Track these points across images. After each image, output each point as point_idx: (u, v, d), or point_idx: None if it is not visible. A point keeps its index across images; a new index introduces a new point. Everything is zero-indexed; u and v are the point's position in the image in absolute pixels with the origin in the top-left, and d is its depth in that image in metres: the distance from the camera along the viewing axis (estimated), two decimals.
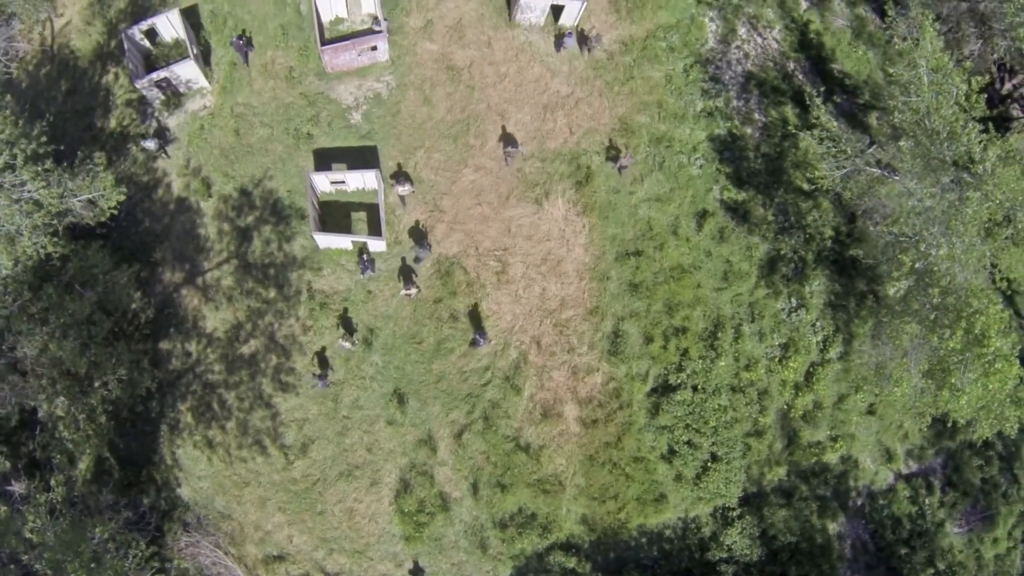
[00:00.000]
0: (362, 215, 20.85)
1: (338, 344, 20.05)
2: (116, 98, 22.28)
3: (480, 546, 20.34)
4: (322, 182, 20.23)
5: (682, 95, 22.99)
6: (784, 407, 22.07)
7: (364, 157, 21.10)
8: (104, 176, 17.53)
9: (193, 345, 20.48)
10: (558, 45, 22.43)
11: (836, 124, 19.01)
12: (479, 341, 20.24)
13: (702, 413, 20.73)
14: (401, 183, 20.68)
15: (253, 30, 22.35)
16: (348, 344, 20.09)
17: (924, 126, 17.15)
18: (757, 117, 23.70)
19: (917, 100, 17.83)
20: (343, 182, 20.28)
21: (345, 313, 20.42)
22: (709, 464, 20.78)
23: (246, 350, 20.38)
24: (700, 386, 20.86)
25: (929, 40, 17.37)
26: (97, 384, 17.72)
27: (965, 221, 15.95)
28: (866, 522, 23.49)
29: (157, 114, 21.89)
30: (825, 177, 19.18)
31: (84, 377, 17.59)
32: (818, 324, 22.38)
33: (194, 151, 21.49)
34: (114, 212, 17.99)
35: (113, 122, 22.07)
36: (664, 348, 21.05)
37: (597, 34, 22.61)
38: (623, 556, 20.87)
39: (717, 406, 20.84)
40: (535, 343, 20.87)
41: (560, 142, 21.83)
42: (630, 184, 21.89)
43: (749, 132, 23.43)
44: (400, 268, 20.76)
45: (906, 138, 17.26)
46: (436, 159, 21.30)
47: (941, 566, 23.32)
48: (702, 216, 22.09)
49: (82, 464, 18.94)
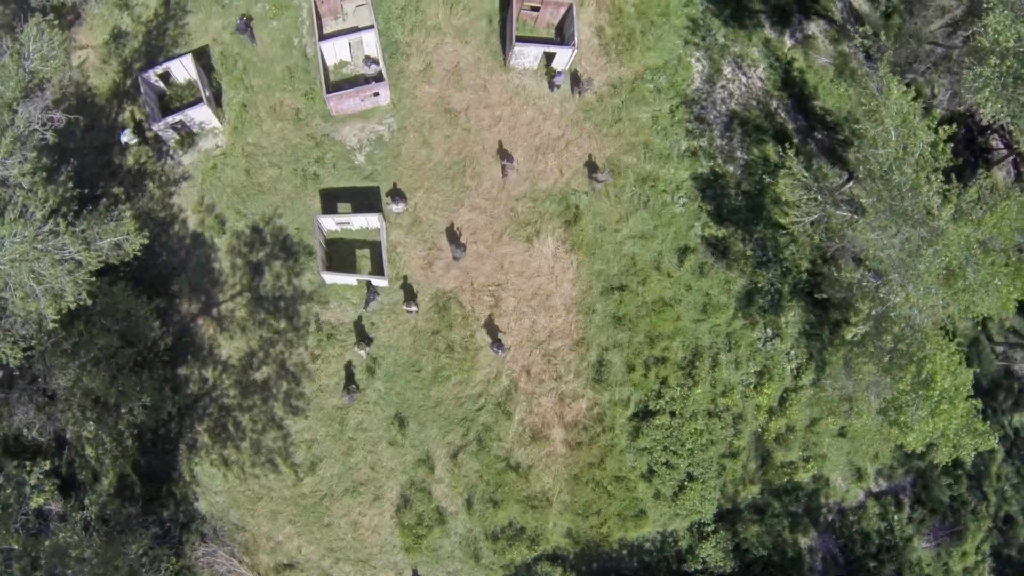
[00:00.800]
0: (366, 252, 23.24)
1: (353, 351, 22.54)
2: (133, 136, 24.55)
3: (474, 556, 22.99)
4: (328, 223, 22.57)
5: (667, 135, 25.19)
6: (758, 430, 24.56)
7: (367, 197, 23.43)
8: (129, 221, 19.83)
9: (209, 371, 23.00)
10: (551, 85, 24.61)
11: (807, 174, 21.16)
12: (496, 350, 22.66)
13: (679, 436, 23.24)
14: (396, 202, 23.03)
15: (260, 71, 24.57)
16: (363, 352, 22.58)
17: (888, 180, 19.27)
18: (739, 155, 25.91)
19: (885, 152, 19.97)
20: (348, 223, 22.62)
21: (359, 322, 22.76)
22: (686, 483, 23.33)
23: (259, 376, 22.89)
24: (678, 411, 23.35)
25: (895, 100, 19.46)
26: (124, 410, 20.23)
27: (919, 272, 18.23)
28: (836, 537, 26.04)
29: (172, 152, 24.21)
30: (796, 223, 21.42)
31: (112, 404, 20.08)
32: (792, 352, 24.78)
33: (207, 188, 23.83)
34: (137, 253, 20.34)
35: (130, 159, 24.37)
36: (645, 376, 23.51)
37: (588, 77, 24.76)
38: (605, 567, 23.53)
39: (693, 430, 23.35)
40: (525, 371, 23.34)
41: (551, 183, 24.12)
42: (616, 222, 24.21)
43: (731, 170, 25.66)
44: (403, 286, 23.17)
45: (868, 194, 19.40)
46: (435, 199, 23.63)
47: None
48: (684, 252, 24.41)
49: (105, 481, 21.56)
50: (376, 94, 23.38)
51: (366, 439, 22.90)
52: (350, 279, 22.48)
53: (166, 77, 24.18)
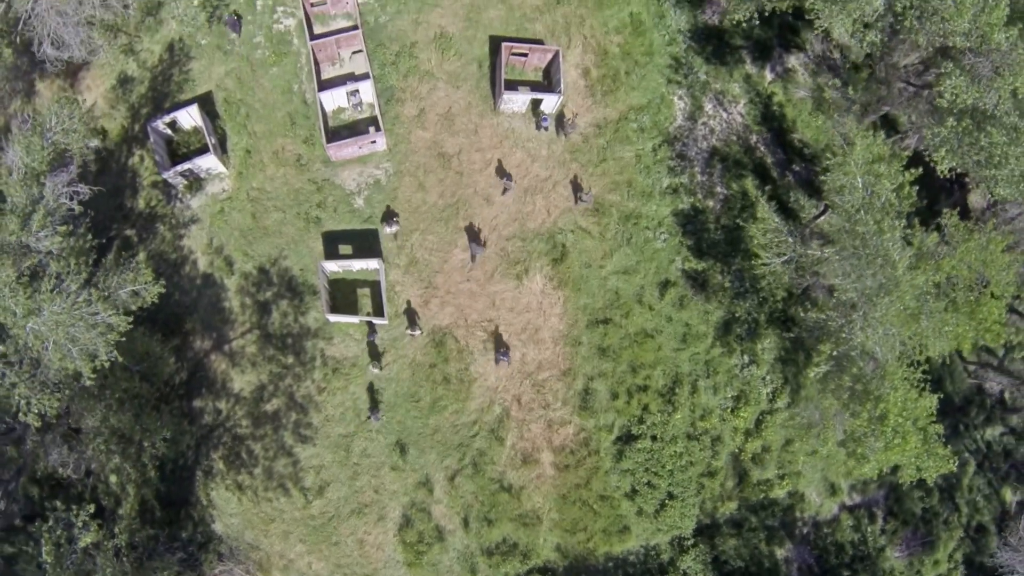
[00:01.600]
0: (366, 291, 25.72)
1: (369, 370, 25.17)
2: (143, 179, 26.91)
3: (471, 570, 25.81)
4: (332, 266, 25.00)
5: (650, 173, 27.49)
6: (736, 451, 27.22)
7: (367, 239, 25.85)
8: (146, 272, 22.21)
9: (223, 403, 25.62)
10: (539, 126, 26.86)
11: (777, 220, 23.46)
12: (502, 359, 25.22)
13: (660, 459, 25.92)
14: (390, 224, 25.45)
15: (262, 117, 26.82)
16: (377, 370, 25.14)
17: (852, 229, 21.51)
18: (719, 190, 28.22)
19: (852, 199, 22.21)
20: (350, 266, 25.05)
21: (372, 341, 25.40)
22: (667, 501, 26.06)
23: (269, 407, 25.52)
24: (659, 436, 25.99)
25: (859, 152, 21.69)
26: (146, 444, 22.86)
27: (876, 317, 20.65)
28: (811, 548, 28.80)
29: (181, 196, 26.55)
30: (767, 264, 23.80)
31: (135, 439, 22.71)
32: (768, 377, 27.35)
33: (216, 231, 26.24)
34: (155, 300, 22.76)
35: (141, 202, 26.74)
36: (628, 403, 26.11)
37: (573, 119, 26.97)
38: None
39: (673, 452, 26.01)
40: (516, 400, 25.94)
41: (539, 223, 26.49)
42: (600, 259, 26.64)
43: (711, 205, 28.00)
44: (405, 311, 25.68)
45: (835, 238, 21.69)
46: (430, 240, 26.03)
47: None
48: (665, 285, 26.87)
49: (127, 505, 24.26)
50: (373, 142, 25.65)
51: (370, 464, 25.58)
52: (353, 319, 24.98)
53: (173, 124, 26.45)
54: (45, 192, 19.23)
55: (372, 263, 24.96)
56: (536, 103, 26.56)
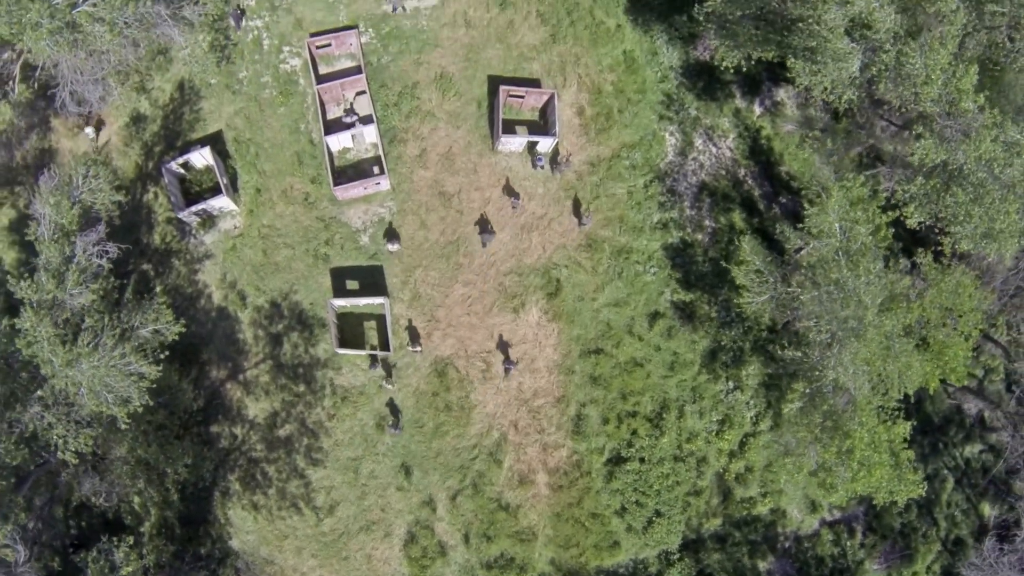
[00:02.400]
0: (372, 323, 27.84)
1: (383, 385, 27.43)
2: (157, 216, 28.87)
3: None
4: (340, 302, 27.08)
5: (641, 209, 29.41)
6: (720, 471, 29.53)
7: (372, 275, 27.90)
8: (166, 312, 24.27)
9: (238, 428, 27.90)
10: (534, 164, 28.74)
11: (759, 262, 25.41)
12: (510, 368, 27.35)
13: (648, 479, 28.26)
14: (392, 243, 27.48)
15: (271, 156, 28.69)
16: (390, 386, 27.35)
17: (827, 273, 23.48)
18: (707, 223, 30.15)
19: (829, 243, 24.16)
20: (357, 303, 27.13)
21: (386, 361, 27.59)
22: (654, 518, 28.45)
23: (282, 433, 27.80)
24: (646, 458, 28.30)
25: (835, 202, 23.58)
26: (169, 471, 25.16)
27: (847, 359, 22.73)
28: (793, 561, 31.23)
29: (195, 232, 28.51)
30: (750, 303, 25.82)
31: (159, 467, 25.00)
32: (751, 402, 29.55)
33: (229, 267, 28.27)
34: (175, 339, 24.85)
35: (157, 238, 28.73)
36: (618, 428, 28.38)
37: (568, 159, 28.81)
38: None
39: (660, 473, 28.34)
40: (513, 426, 28.20)
41: (535, 258, 28.50)
42: (593, 292, 28.70)
43: (699, 238, 29.96)
44: (408, 329, 27.80)
45: (813, 282, 23.69)
46: (432, 276, 28.07)
47: None
48: (654, 317, 28.95)
49: (149, 525, 26.64)
50: (378, 184, 27.55)
51: (377, 485, 27.93)
52: (360, 353, 27.13)
53: (186, 164, 28.33)
54: (76, 251, 21.26)
55: (377, 300, 27.02)
56: (532, 144, 28.38)
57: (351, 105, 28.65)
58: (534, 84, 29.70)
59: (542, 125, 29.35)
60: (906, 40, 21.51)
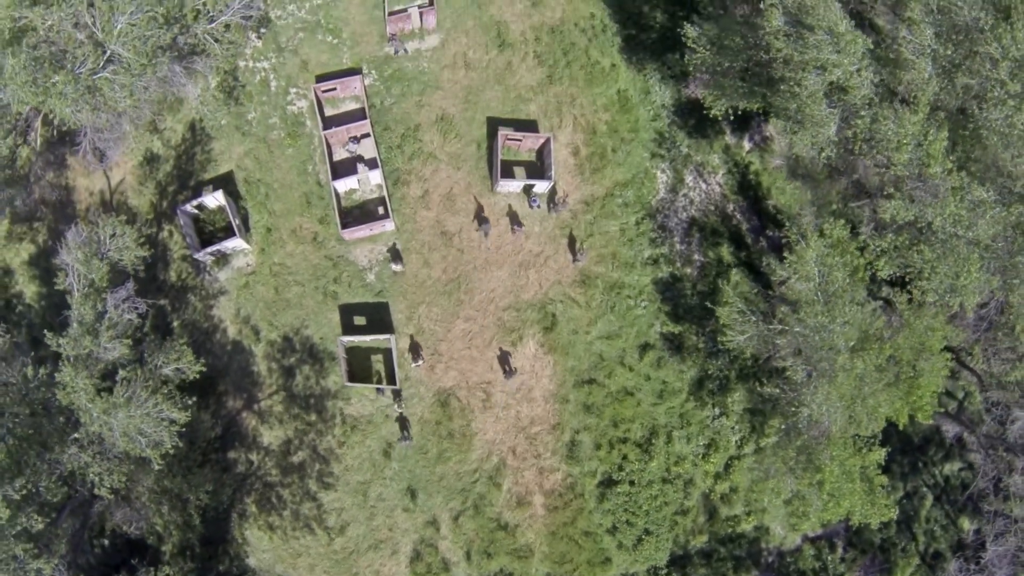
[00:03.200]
0: (380, 356, 30.02)
1: (393, 408, 29.75)
2: (173, 253, 30.85)
3: None
4: (349, 340, 29.21)
5: (633, 245, 31.40)
6: (706, 491, 31.93)
7: (379, 311, 30.00)
8: (188, 354, 26.40)
9: (254, 455, 30.22)
10: (531, 204, 30.66)
11: (742, 304, 27.46)
12: (508, 376, 29.57)
13: (637, 500, 30.69)
14: (396, 262, 29.65)
15: (280, 197, 30.58)
16: (400, 408, 29.63)
17: (803, 320, 25.55)
18: (696, 258, 32.17)
19: (808, 286, 26.18)
20: (365, 340, 29.26)
21: (393, 379, 29.88)
22: (643, 536, 30.94)
23: (295, 459, 30.13)
24: (636, 481, 30.70)
25: (813, 251, 25.57)
26: (192, 498, 27.52)
27: (819, 399, 24.94)
28: (776, 575, 33.80)
29: (209, 269, 30.52)
30: (731, 341, 27.94)
31: (183, 495, 27.37)
32: (736, 427, 31.84)
33: (242, 303, 30.35)
34: (196, 377, 27.00)
35: (173, 275, 30.76)
36: (609, 452, 30.72)
37: (565, 200, 30.72)
38: None
39: (649, 495, 30.76)
40: (511, 451, 30.54)
41: (532, 294, 30.57)
42: (586, 325, 30.83)
43: (688, 272, 32.00)
44: (409, 346, 29.98)
45: (784, 334, 25.85)
46: (435, 312, 30.17)
47: None
48: (644, 348, 31.12)
49: (170, 545, 29.07)
50: (383, 225, 29.50)
51: (385, 506, 30.36)
52: (368, 387, 29.35)
53: (199, 205, 30.23)
54: (108, 307, 23.32)
55: (383, 338, 29.16)
56: (530, 184, 30.28)
57: (357, 151, 30.43)
58: (531, 126, 31.50)
59: (539, 166, 31.21)
60: (881, 105, 23.35)
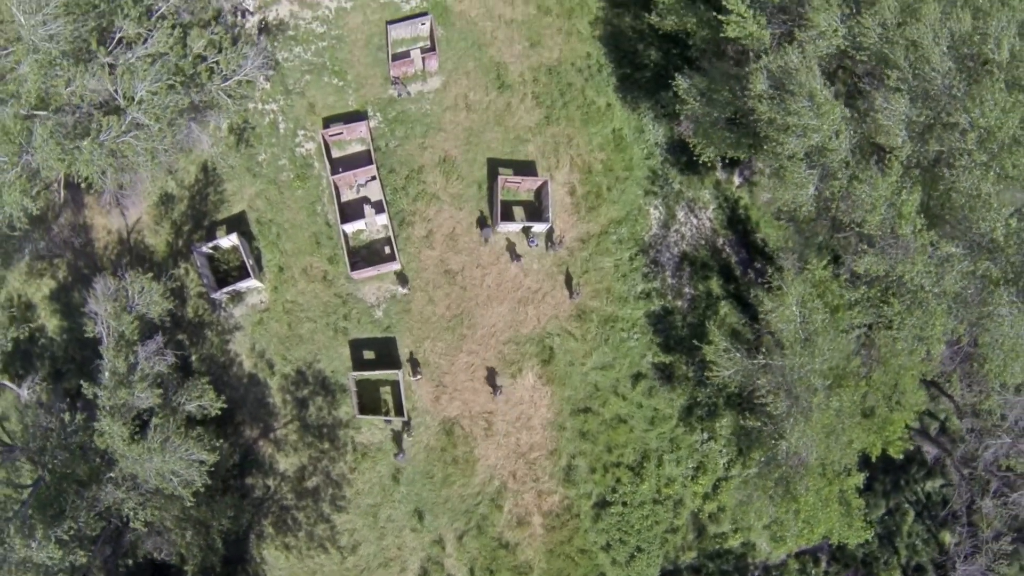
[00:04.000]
0: (388, 388, 32.29)
1: (402, 435, 32.21)
2: (190, 290, 32.93)
3: None
4: (359, 375, 31.46)
5: (627, 280, 33.48)
6: (695, 510, 34.44)
7: (387, 346, 32.20)
8: (210, 392, 28.64)
9: (271, 480, 32.67)
10: (529, 243, 32.67)
11: (727, 343, 29.58)
12: (497, 394, 31.98)
13: (630, 520, 33.23)
14: (403, 286, 31.82)
15: (291, 236, 32.58)
16: (392, 427, 32.08)
17: (784, 367, 27.70)
18: (687, 291, 34.26)
19: (790, 328, 28.28)
20: (375, 374, 31.53)
21: (401, 410, 32.25)
22: (635, 553, 33.54)
23: (309, 484, 32.60)
24: (629, 502, 33.19)
25: (793, 295, 27.62)
26: (214, 524, 30.00)
27: (796, 436, 27.21)
28: None
29: (224, 306, 32.63)
30: (717, 376, 30.14)
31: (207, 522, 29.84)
32: (724, 450, 34.23)
33: (257, 338, 32.53)
34: (218, 413, 29.26)
35: (190, 311, 32.88)
36: (603, 476, 33.17)
37: (562, 240, 32.70)
38: None
39: (641, 515, 33.29)
40: (512, 475, 32.98)
41: (530, 328, 32.74)
42: (582, 357, 33.05)
43: (679, 304, 34.12)
44: (408, 360, 32.30)
45: (763, 373, 28.05)
46: (439, 346, 32.37)
47: None
48: (636, 378, 33.37)
49: (191, 564, 31.64)
50: (390, 266, 31.55)
51: (393, 527, 32.90)
52: (378, 418, 31.69)
53: (215, 246, 32.23)
54: (139, 359, 25.50)
55: (391, 372, 31.41)
56: (528, 226, 32.25)
57: (363, 188, 32.37)
58: (530, 166, 33.36)
59: (537, 206, 33.13)
60: (857, 165, 25.23)
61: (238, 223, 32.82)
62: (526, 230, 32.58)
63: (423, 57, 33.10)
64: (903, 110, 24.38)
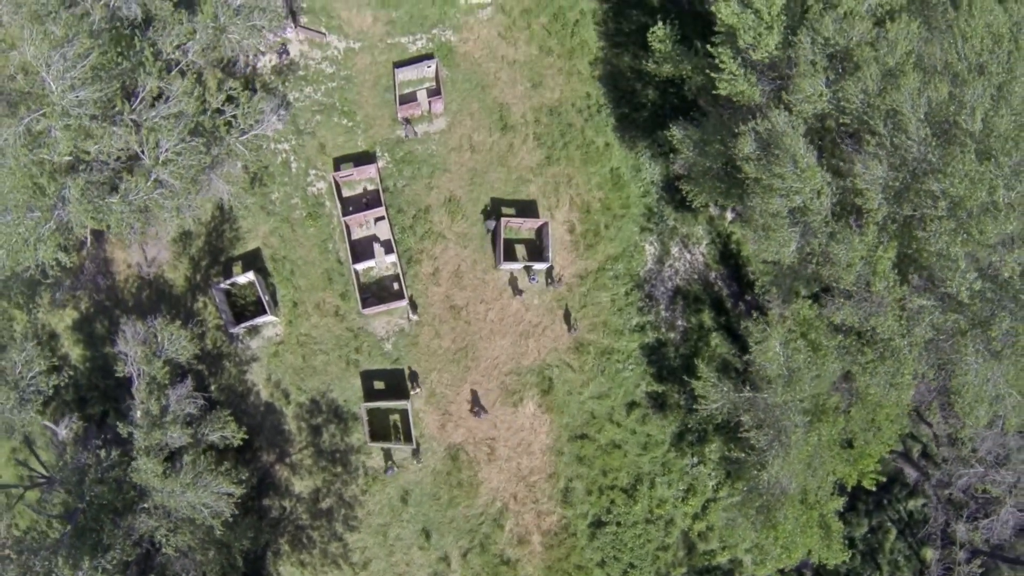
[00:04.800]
0: (396, 416, 34.81)
1: (391, 455, 34.96)
2: (208, 323, 35.28)
3: None
4: (370, 405, 33.98)
5: (622, 314, 35.83)
6: (685, 530, 37.22)
7: (396, 377, 34.65)
8: (232, 424, 31.17)
9: (287, 502, 35.37)
10: (530, 279, 34.97)
11: (714, 378, 32.04)
12: (480, 415, 34.60)
13: (623, 539, 36.01)
14: (413, 312, 34.20)
15: (304, 273, 34.86)
16: (417, 463, 34.73)
17: (763, 400, 30.18)
18: (679, 323, 36.64)
19: (774, 366, 30.72)
20: (385, 404, 34.07)
21: (408, 429, 34.94)
22: (628, 570, 36.38)
23: (323, 505, 35.30)
24: (622, 522, 35.95)
25: (776, 339, 29.99)
26: (235, 544, 32.74)
27: (775, 470, 29.80)
28: None
29: (241, 338, 35.03)
30: (705, 408, 32.64)
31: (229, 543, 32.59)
32: (713, 473, 36.90)
33: (272, 369, 34.98)
34: (240, 443, 31.82)
35: (209, 343, 35.26)
36: (599, 498, 35.88)
37: (561, 278, 34.98)
38: None
39: (634, 534, 36.07)
40: (513, 497, 35.69)
41: (531, 360, 35.18)
42: (580, 387, 35.55)
43: (672, 336, 36.52)
44: (409, 375, 34.91)
45: (747, 410, 30.55)
46: (445, 378, 34.84)
47: None
48: (631, 406, 35.91)
49: None
50: (399, 303, 33.87)
51: (402, 545, 35.70)
52: (388, 446, 34.27)
53: (232, 283, 34.52)
54: (171, 402, 27.97)
55: (401, 403, 33.93)
56: (529, 266, 34.53)
57: (373, 224, 34.58)
58: (531, 205, 35.51)
59: (538, 244, 35.35)
60: (837, 222, 27.41)
61: (253, 259, 35.07)
62: (527, 268, 34.85)
63: (429, 101, 35.05)
64: (880, 175, 26.52)
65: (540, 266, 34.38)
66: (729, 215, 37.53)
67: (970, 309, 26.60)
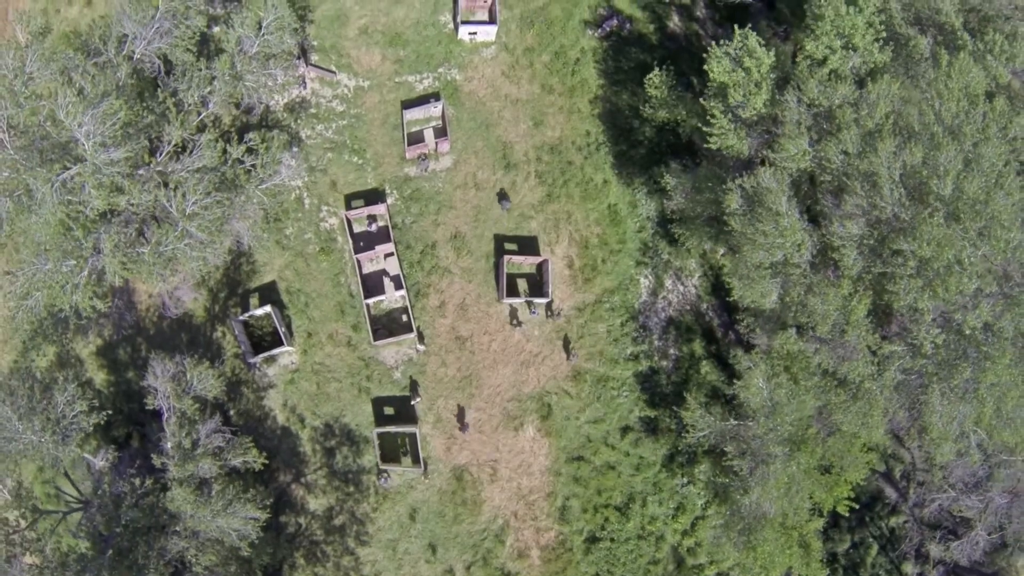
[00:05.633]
0: (406, 440, 37.89)
1: (409, 475, 38.21)
2: (227, 351, 38.21)
3: None
4: (381, 430, 37.05)
5: (618, 344, 38.73)
6: (675, 545, 40.54)
7: (405, 404, 37.65)
8: (253, 449, 34.27)
9: (302, 518, 38.63)
10: (530, 311, 37.82)
11: (702, 408, 35.03)
12: (464, 430, 37.75)
13: (616, 554, 39.36)
14: (420, 344, 37.14)
15: (318, 305, 37.69)
16: (424, 478, 37.98)
17: (746, 433, 33.21)
18: (672, 352, 39.56)
19: (759, 399, 33.72)
20: (395, 428, 37.18)
21: (416, 452, 38.21)
22: None
23: (336, 522, 38.57)
24: (616, 538, 39.26)
25: (759, 375, 32.90)
26: (255, 560, 36.06)
27: (755, 497, 32.94)
28: None
29: (259, 366, 37.98)
30: (694, 436, 35.69)
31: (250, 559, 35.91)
32: (701, 492, 40.09)
33: (288, 395, 37.99)
34: (261, 468, 34.92)
35: (227, 370, 38.21)
36: (594, 515, 39.14)
37: (560, 312, 37.80)
38: None
39: (626, 549, 39.39)
40: (513, 514, 38.95)
41: (531, 388, 38.17)
42: (577, 412, 38.59)
43: (664, 364, 39.48)
44: (410, 384, 37.98)
45: (731, 442, 33.59)
46: (450, 404, 37.87)
47: None
48: (624, 430, 38.99)
49: None
50: (408, 334, 36.75)
51: (410, 559, 39.05)
52: (397, 468, 37.43)
53: (250, 315, 37.36)
54: (201, 436, 30.98)
55: (409, 428, 37.00)
56: (530, 300, 37.34)
57: (382, 267, 37.33)
58: (532, 242, 38.19)
59: (538, 279, 38.11)
60: (813, 277, 30.16)
61: (269, 292, 37.87)
62: (528, 303, 37.67)
63: (436, 141, 37.53)
64: (856, 233, 29.20)
65: (541, 300, 37.18)
66: (721, 248, 40.20)
67: (936, 357, 29.47)
